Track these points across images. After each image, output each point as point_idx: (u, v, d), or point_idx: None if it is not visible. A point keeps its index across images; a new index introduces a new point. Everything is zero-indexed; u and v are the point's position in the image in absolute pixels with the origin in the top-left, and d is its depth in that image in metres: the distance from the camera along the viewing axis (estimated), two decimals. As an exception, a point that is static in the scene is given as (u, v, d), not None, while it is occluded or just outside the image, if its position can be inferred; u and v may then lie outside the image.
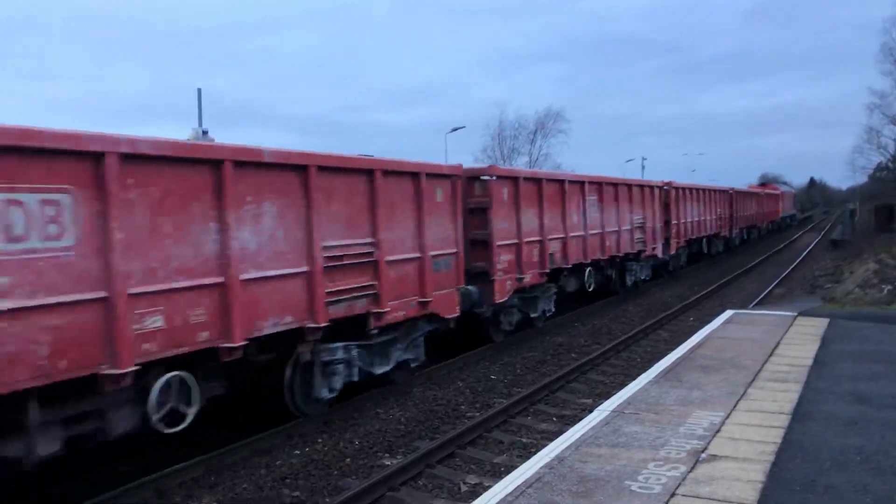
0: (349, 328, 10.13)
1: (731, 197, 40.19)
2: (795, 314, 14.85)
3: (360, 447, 9.21)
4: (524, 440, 9.47)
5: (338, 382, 9.94)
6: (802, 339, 12.16)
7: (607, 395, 9.91)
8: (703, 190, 33.01)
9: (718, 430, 7.34)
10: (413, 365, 11.87)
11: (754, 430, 7.33)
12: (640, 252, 22.82)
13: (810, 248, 45.05)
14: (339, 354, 9.85)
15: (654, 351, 14.67)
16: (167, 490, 7.74)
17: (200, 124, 27.55)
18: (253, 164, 8.40)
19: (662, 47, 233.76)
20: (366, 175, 10.30)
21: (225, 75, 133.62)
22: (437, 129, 65.32)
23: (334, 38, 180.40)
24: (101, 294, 6.68)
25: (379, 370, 10.84)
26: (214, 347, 7.86)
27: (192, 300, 7.59)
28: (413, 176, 11.37)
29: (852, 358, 10.62)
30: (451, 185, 12.47)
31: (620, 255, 21.01)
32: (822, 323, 13.69)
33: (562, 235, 16.84)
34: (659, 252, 25.14)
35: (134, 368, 6.88)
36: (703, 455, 6.63)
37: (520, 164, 62.93)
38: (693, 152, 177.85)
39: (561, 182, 17.14)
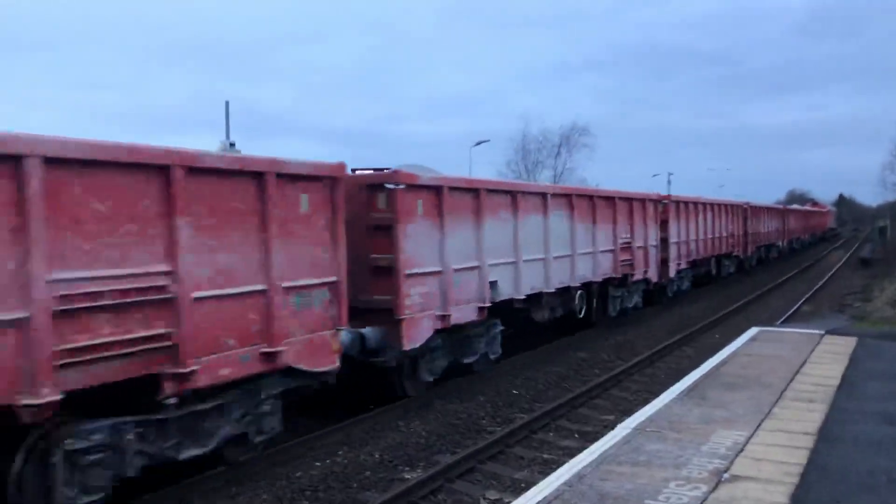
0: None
1: (805, 213, 66.35)
2: (823, 332, 14.62)
3: (381, 460, 9.21)
4: (545, 456, 9.42)
5: None
6: (830, 357, 11.97)
7: (630, 412, 9.83)
8: (798, 210, 62.54)
9: (742, 450, 7.24)
10: None
11: (778, 450, 7.22)
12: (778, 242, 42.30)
13: (839, 265, 44.38)
14: None
15: (678, 368, 14.52)
16: (188, 500, 7.79)
17: (228, 137, 27.90)
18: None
19: (709, 58, 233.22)
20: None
21: (266, 86, 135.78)
22: (474, 140, 64.27)
23: (377, 50, 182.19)
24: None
25: None
26: None
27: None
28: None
29: (881, 378, 10.43)
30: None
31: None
32: (851, 342, 13.46)
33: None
34: (781, 243, 46.97)
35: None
36: (726, 475, 6.54)
37: (544, 178, 62.77)
38: (724, 166, 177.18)
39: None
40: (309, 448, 9.44)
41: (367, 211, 10.79)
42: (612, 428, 8.56)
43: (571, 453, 8.66)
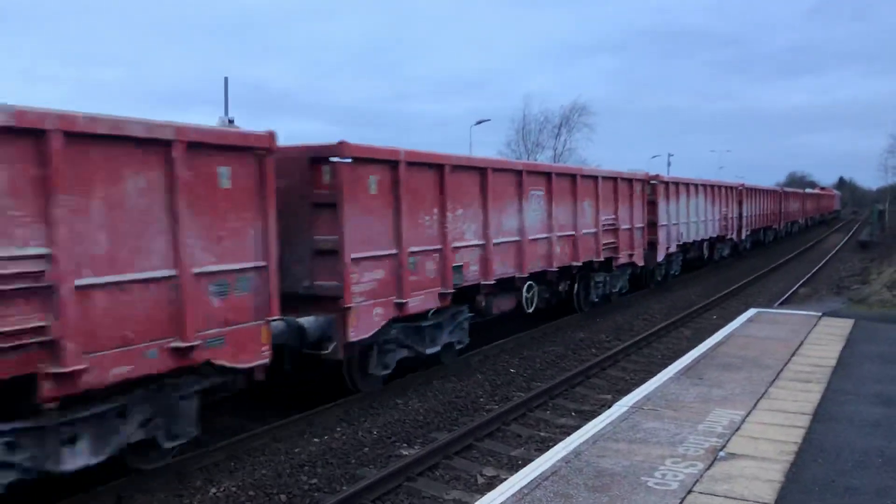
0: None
1: (817, 196, 77.43)
2: (820, 314, 14.68)
3: (379, 437, 9.27)
4: (542, 434, 9.48)
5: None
6: (827, 339, 12.03)
7: (627, 392, 9.88)
8: (812, 194, 73.38)
9: (738, 429, 7.29)
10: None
11: (775, 429, 7.28)
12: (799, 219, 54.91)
13: (837, 248, 44.44)
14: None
15: (675, 348, 14.57)
16: (188, 473, 7.85)
17: (227, 113, 27.78)
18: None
19: (722, 40, 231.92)
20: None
21: (272, 63, 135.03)
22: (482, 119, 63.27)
23: (386, 28, 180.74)
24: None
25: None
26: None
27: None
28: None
29: (877, 359, 10.48)
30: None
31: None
32: (847, 324, 13.52)
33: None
34: (801, 220, 56.62)
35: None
36: (722, 453, 6.60)
37: (544, 159, 62.58)
38: (725, 149, 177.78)
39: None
40: (308, 424, 9.49)
41: (643, 194, 20.57)
42: (610, 407, 8.61)
43: (568, 431, 8.72)
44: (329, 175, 9.58)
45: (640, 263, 20.43)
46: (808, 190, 79.29)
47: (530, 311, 14.60)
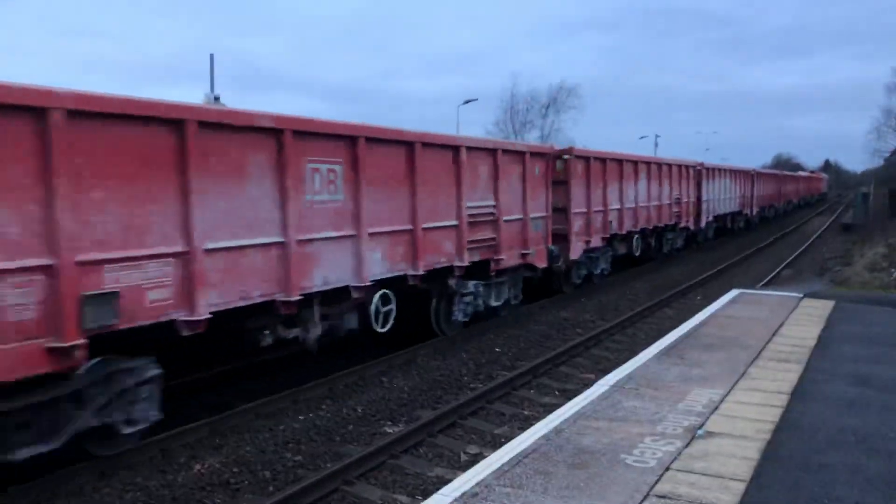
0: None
1: (808, 179, 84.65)
2: (801, 295, 14.83)
3: (363, 415, 9.34)
4: (525, 412, 9.57)
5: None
6: (807, 319, 12.17)
7: (610, 371, 9.98)
8: (805, 177, 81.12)
9: (717, 408, 7.40)
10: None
11: (753, 408, 7.39)
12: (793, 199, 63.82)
13: (821, 231, 44.80)
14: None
15: (658, 328, 14.70)
16: (172, 450, 7.89)
17: (212, 90, 27.55)
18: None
19: (717, 19, 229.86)
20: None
21: (260, 38, 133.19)
22: (470, 98, 62.33)
23: (376, 1, 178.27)
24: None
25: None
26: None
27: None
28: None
29: (856, 340, 10.63)
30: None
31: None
32: (828, 305, 13.67)
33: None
34: (795, 199, 65.03)
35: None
36: (700, 431, 6.70)
37: (532, 138, 62.50)
38: (712, 130, 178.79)
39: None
40: (293, 401, 9.54)
41: (694, 177, 27.94)
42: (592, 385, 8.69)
43: (551, 410, 8.80)
44: (562, 165, 17.16)
45: (693, 228, 28.20)
46: (801, 173, 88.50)
47: (637, 254, 22.08)
